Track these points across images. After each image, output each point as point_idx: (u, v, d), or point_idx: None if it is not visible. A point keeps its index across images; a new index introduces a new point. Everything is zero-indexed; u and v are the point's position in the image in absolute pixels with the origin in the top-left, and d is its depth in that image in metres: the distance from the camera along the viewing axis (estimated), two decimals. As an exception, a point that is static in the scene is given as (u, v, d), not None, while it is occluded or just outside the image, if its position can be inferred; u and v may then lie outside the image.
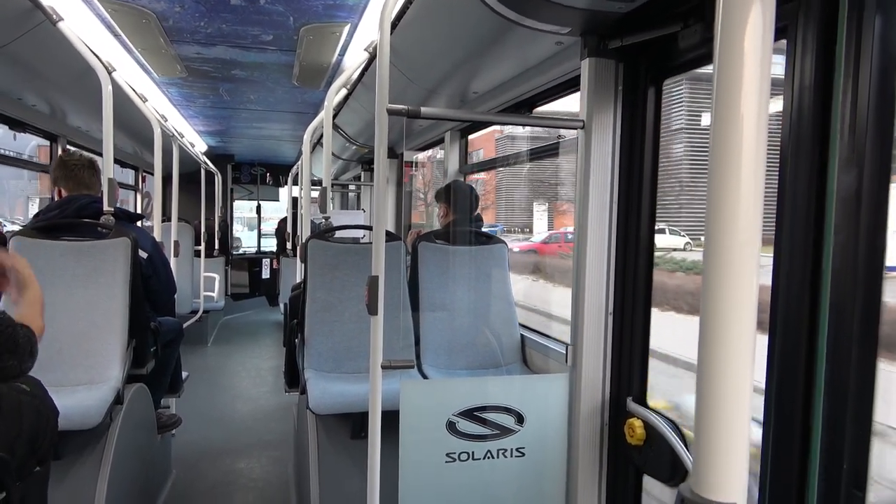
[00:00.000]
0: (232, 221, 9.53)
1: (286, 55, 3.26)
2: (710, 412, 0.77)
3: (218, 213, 7.89)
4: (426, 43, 2.51)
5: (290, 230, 7.17)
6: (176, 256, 4.39)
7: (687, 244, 9.56)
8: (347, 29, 2.79)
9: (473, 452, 1.90)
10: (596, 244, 1.93)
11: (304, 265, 2.93)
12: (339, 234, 3.17)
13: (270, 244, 10.01)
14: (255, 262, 9.40)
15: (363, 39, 2.89)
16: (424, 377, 2.73)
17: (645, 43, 1.75)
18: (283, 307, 6.53)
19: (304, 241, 3.09)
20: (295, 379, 3.09)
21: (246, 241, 10.78)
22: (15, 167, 4.18)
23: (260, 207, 9.80)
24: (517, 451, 1.95)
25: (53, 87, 3.39)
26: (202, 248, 6.54)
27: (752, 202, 0.76)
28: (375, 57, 1.76)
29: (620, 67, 1.88)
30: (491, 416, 1.92)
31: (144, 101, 3.65)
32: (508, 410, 1.93)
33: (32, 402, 1.53)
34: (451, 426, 1.88)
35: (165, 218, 4.72)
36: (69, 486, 2.18)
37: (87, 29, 2.78)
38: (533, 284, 10.73)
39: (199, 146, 6.89)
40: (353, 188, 8.47)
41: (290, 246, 6.83)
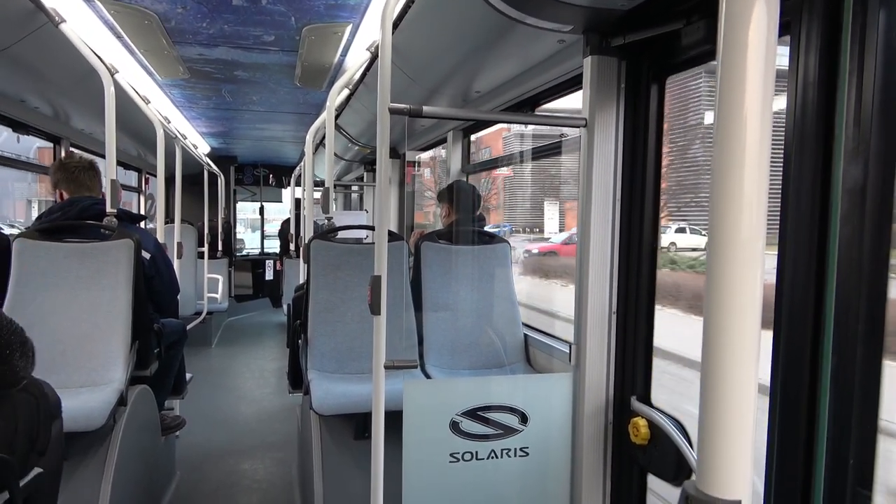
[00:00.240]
0: (235, 223, 9.54)
1: (288, 56, 3.26)
2: (714, 409, 0.76)
3: (221, 214, 7.90)
4: (428, 42, 2.51)
5: (293, 231, 7.18)
6: (179, 258, 4.40)
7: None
8: (349, 29, 2.79)
9: (477, 452, 1.90)
10: (599, 243, 1.92)
11: (306, 266, 2.93)
12: (341, 234, 3.17)
13: (274, 245, 10.01)
14: (258, 263, 9.41)
15: (365, 39, 2.89)
16: (428, 377, 2.73)
17: (647, 40, 1.74)
18: (286, 308, 6.54)
19: (306, 241, 3.09)
20: (298, 380, 3.09)
21: (249, 242, 10.79)
22: (17, 169, 4.19)
23: (263, 209, 9.81)
24: (521, 450, 1.94)
25: (56, 89, 3.40)
26: (205, 249, 6.55)
27: (756, 198, 0.75)
28: (377, 57, 1.76)
29: (623, 65, 1.88)
30: (494, 415, 1.91)
31: (147, 102, 3.66)
32: (512, 410, 1.93)
33: (27, 397, 1.54)
34: (454, 426, 1.87)
35: (169, 220, 4.73)
36: (73, 487, 2.18)
37: (89, 31, 2.78)
38: (562, 290, 9.90)
39: (201, 148, 6.90)
40: (355, 188, 8.48)
41: (293, 247, 6.84)
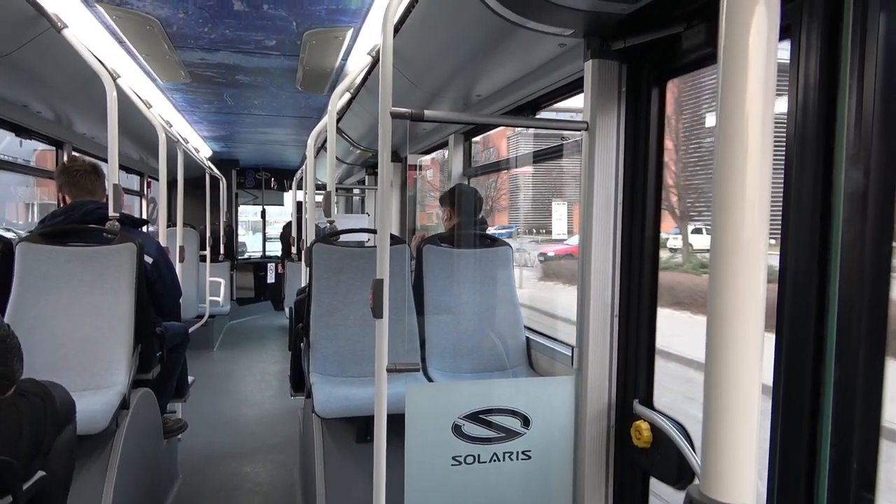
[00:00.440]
0: (237, 226, 9.55)
1: (289, 60, 3.27)
2: (718, 413, 0.76)
3: (223, 218, 7.91)
4: (429, 46, 2.51)
5: (294, 234, 7.19)
6: (181, 262, 4.40)
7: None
8: (350, 33, 2.79)
9: (479, 455, 1.90)
10: (601, 246, 1.92)
11: (308, 269, 2.93)
12: (343, 237, 3.18)
13: (275, 248, 10.02)
14: (260, 266, 9.42)
15: (366, 43, 2.89)
16: (430, 380, 2.73)
17: (648, 44, 1.75)
18: (288, 311, 6.54)
19: (308, 245, 3.09)
20: (300, 383, 3.08)
21: (251, 245, 10.81)
22: (20, 174, 4.19)
23: (265, 212, 9.82)
24: (523, 454, 1.94)
25: (58, 93, 3.41)
26: (207, 252, 6.56)
27: (758, 201, 0.75)
28: (378, 61, 1.76)
29: (624, 69, 1.88)
30: (497, 419, 1.91)
31: (149, 107, 3.67)
32: (514, 413, 1.93)
33: (33, 400, 1.54)
34: (456, 429, 1.87)
35: (171, 223, 4.74)
36: (75, 491, 2.18)
37: (91, 36, 2.79)
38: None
39: (203, 151, 6.91)
40: (357, 192, 8.48)
41: (294, 250, 6.84)
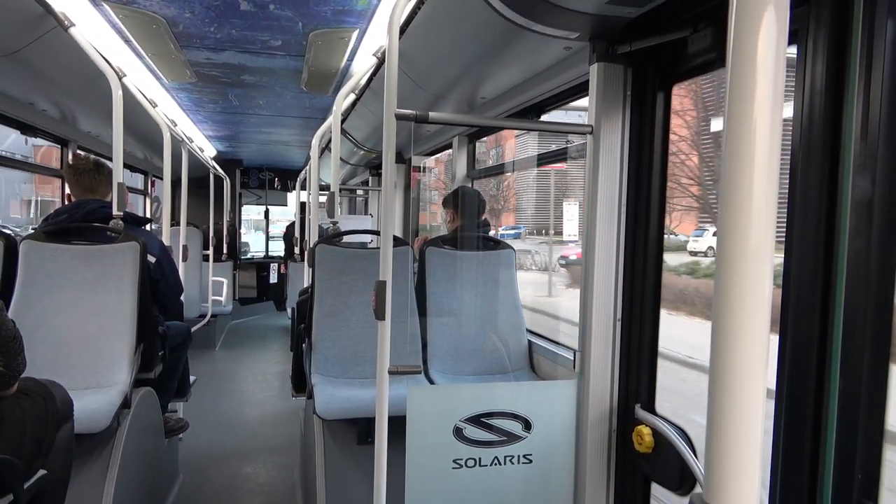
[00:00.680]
0: (240, 226, 9.56)
1: (295, 60, 3.27)
2: (722, 420, 0.76)
3: (226, 217, 7.92)
4: (434, 48, 2.51)
5: (297, 235, 7.19)
6: (184, 261, 4.41)
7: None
8: (356, 34, 2.80)
9: (480, 459, 1.89)
10: (604, 250, 1.92)
11: (311, 270, 2.93)
12: (346, 238, 3.18)
13: (278, 248, 10.03)
14: (262, 266, 9.43)
15: (371, 45, 2.90)
16: (431, 383, 2.73)
17: (654, 48, 1.74)
18: (290, 312, 6.54)
19: (311, 245, 3.09)
20: (302, 384, 3.08)
21: (254, 245, 10.82)
22: (22, 170, 4.21)
23: (268, 212, 9.84)
24: (524, 457, 1.93)
25: (64, 91, 3.42)
26: (210, 252, 6.56)
27: (764, 207, 0.75)
28: (384, 62, 1.76)
29: (629, 72, 1.88)
30: (498, 422, 1.90)
31: (154, 105, 3.67)
32: (516, 417, 1.92)
33: (36, 399, 1.54)
34: (458, 432, 1.87)
35: (174, 222, 4.75)
36: (76, 489, 2.18)
37: (97, 34, 2.80)
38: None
39: (208, 151, 6.92)
40: (360, 193, 8.49)
41: (297, 250, 6.85)
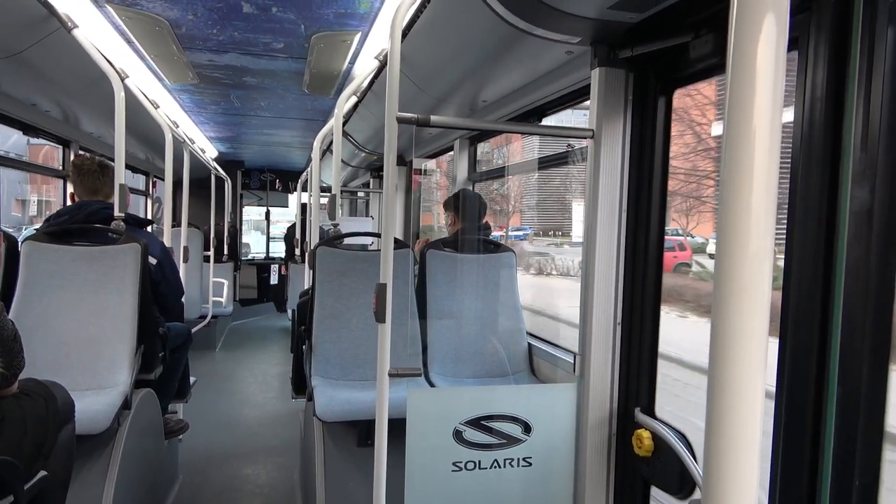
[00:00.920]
0: (241, 227, 9.57)
1: (297, 63, 3.28)
2: (721, 424, 0.76)
3: (227, 218, 7.93)
4: (436, 52, 2.52)
5: (298, 236, 7.20)
6: (185, 262, 4.41)
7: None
8: (358, 37, 2.81)
9: (480, 461, 1.89)
10: (605, 253, 1.92)
11: (312, 272, 2.94)
12: (347, 241, 3.18)
13: (279, 250, 10.03)
14: (263, 267, 9.43)
15: (373, 48, 2.91)
16: (431, 385, 2.73)
17: (655, 53, 1.75)
18: (290, 313, 6.54)
19: (312, 247, 3.09)
20: (302, 385, 3.09)
21: (255, 246, 10.82)
22: (23, 171, 4.22)
23: (269, 213, 9.85)
24: (524, 460, 1.94)
25: (67, 93, 3.43)
26: (211, 253, 6.57)
27: (764, 214, 0.75)
28: (385, 65, 1.77)
29: (630, 77, 1.88)
30: (498, 425, 1.91)
31: (156, 107, 3.68)
32: (515, 420, 1.92)
33: (38, 400, 1.55)
34: (457, 435, 1.87)
35: (175, 223, 4.75)
36: (76, 490, 2.19)
37: (100, 36, 2.81)
38: (677, 320, 6.81)
39: (209, 152, 6.93)
40: (361, 195, 8.50)
41: (298, 252, 6.86)
